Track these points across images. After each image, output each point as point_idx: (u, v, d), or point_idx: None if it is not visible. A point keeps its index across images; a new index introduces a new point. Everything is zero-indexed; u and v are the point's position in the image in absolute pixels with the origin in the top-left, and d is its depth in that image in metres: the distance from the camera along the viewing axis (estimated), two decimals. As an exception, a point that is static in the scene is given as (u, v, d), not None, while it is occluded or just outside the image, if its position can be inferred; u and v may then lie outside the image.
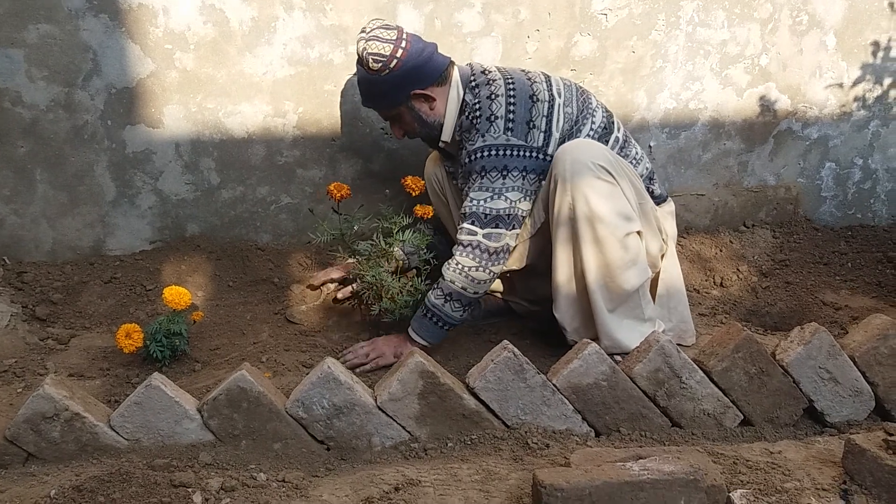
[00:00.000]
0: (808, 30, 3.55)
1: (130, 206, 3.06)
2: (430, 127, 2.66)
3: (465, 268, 2.51)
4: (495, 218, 2.50)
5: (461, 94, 2.62)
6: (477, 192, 2.51)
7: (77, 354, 2.59)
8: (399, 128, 2.71)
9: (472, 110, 2.56)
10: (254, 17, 2.95)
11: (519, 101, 2.52)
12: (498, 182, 2.50)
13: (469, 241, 2.51)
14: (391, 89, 2.56)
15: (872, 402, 2.25)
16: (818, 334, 2.18)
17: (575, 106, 2.61)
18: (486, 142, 2.50)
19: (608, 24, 3.29)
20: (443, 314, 2.55)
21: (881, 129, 3.81)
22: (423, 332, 2.58)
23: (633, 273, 2.45)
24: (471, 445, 2.01)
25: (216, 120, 3.04)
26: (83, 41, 2.83)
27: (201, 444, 1.92)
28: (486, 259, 2.51)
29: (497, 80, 2.57)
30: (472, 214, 2.52)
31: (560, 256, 2.49)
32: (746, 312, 3.25)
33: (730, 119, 3.60)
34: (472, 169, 2.54)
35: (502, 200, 2.50)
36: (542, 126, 2.53)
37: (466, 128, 2.59)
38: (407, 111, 2.63)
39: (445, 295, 2.53)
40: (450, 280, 2.52)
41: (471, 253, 2.51)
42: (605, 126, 2.65)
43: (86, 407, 1.86)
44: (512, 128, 2.50)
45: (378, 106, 2.70)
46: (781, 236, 3.74)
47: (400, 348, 2.57)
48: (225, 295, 3.01)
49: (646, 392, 2.11)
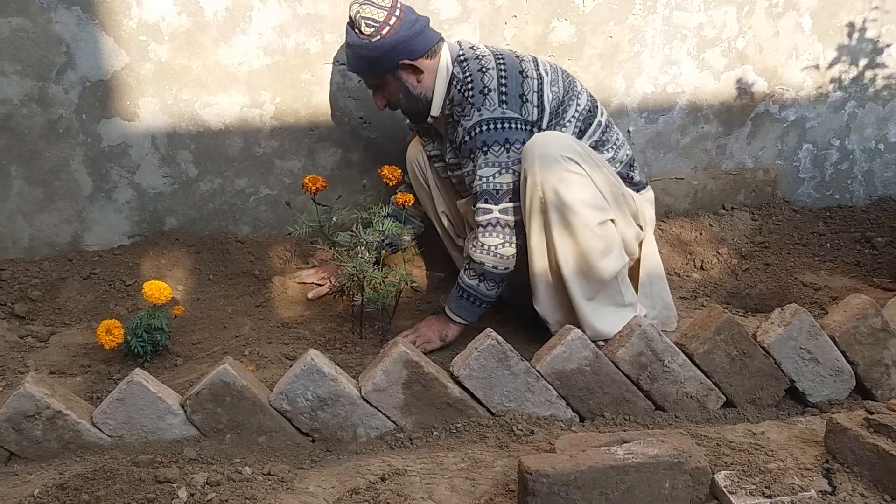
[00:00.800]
0: (783, 12, 3.56)
1: (108, 201, 3.03)
2: (416, 100, 2.65)
3: (492, 246, 2.54)
4: (507, 192, 2.52)
5: (450, 68, 2.61)
6: (484, 168, 2.52)
7: (57, 351, 2.57)
8: (382, 97, 2.68)
9: (462, 83, 2.56)
10: (228, 7, 2.92)
11: (510, 75, 2.53)
12: (503, 156, 2.50)
13: (487, 219, 2.54)
14: (381, 56, 2.54)
15: (853, 381, 2.27)
16: (798, 315, 2.20)
17: (561, 86, 2.62)
18: (483, 116, 2.51)
19: (585, 10, 3.29)
20: (478, 293, 2.60)
21: (857, 109, 3.84)
22: (462, 312, 2.63)
23: (609, 261, 2.46)
24: (456, 434, 2.01)
25: (192, 112, 3.01)
26: (56, 34, 2.79)
27: (185, 440, 1.91)
28: (509, 233, 2.54)
29: (486, 55, 2.58)
30: (485, 192, 2.53)
31: (535, 248, 2.49)
32: (727, 295, 3.27)
33: (708, 102, 3.61)
34: (473, 146, 2.53)
35: (510, 174, 2.51)
36: (535, 101, 2.54)
37: (458, 101, 2.58)
38: (394, 80, 2.61)
39: (479, 275, 2.57)
40: (479, 262, 2.56)
41: (492, 231, 2.53)
42: (589, 109, 2.66)
43: (67, 405, 1.85)
44: (506, 101, 2.50)
45: (365, 71, 2.65)
46: (760, 218, 3.76)
47: (444, 330, 2.64)
48: (205, 288, 2.99)
49: (629, 376, 2.12)
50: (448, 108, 2.63)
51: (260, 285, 3.03)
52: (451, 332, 2.64)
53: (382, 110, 2.76)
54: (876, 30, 3.71)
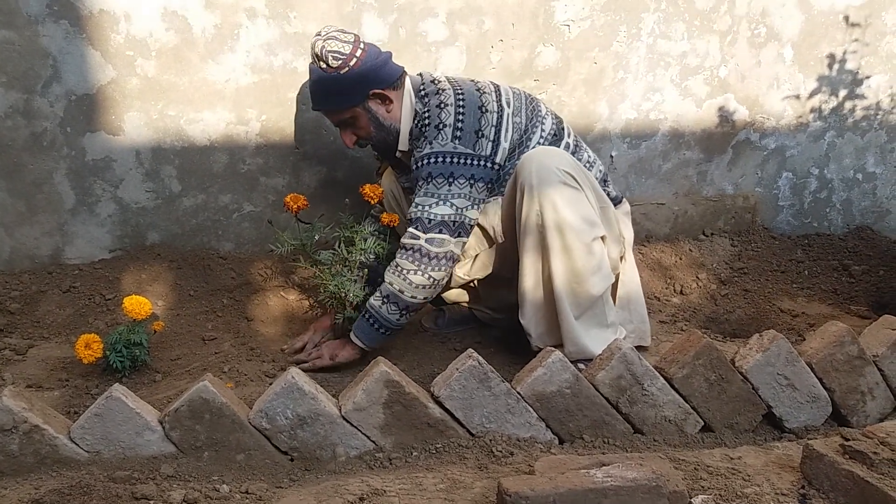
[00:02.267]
0: (766, 42, 3.62)
1: (90, 215, 3.02)
2: (387, 131, 2.63)
3: (404, 270, 2.52)
4: (439, 223, 2.50)
5: (413, 102, 2.62)
6: (422, 197, 2.52)
7: (35, 365, 2.54)
8: (351, 133, 2.65)
9: (420, 118, 2.57)
10: (217, 25, 2.93)
11: (468, 111, 2.53)
12: (444, 188, 2.50)
13: (411, 244, 2.52)
14: (350, 87, 2.53)
15: (829, 407, 2.29)
16: (776, 341, 2.22)
17: (524, 115, 2.63)
18: (434, 149, 2.51)
19: (571, 35, 3.33)
20: (379, 316, 2.56)
21: (837, 139, 3.90)
22: (360, 333, 2.60)
23: (598, 278, 2.47)
24: (436, 454, 2.01)
25: (178, 127, 3.01)
26: (43, 47, 2.79)
27: (163, 456, 1.89)
28: (426, 263, 2.51)
29: (446, 89, 2.58)
30: (417, 220, 2.52)
31: (527, 264, 2.50)
32: (706, 320, 3.29)
33: (689, 129, 3.65)
34: (418, 175, 2.54)
35: (447, 206, 2.50)
36: (491, 136, 2.54)
37: (416, 136, 2.59)
38: (363, 113, 2.59)
39: (383, 297, 2.55)
40: (388, 282, 2.54)
41: (410, 256, 2.52)
42: (554, 133, 2.68)
43: (45, 419, 1.83)
44: (460, 136, 2.51)
45: (334, 105, 2.61)
46: (740, 245, 3.80)
47: (336, 350, 2.62)
48: (186, 304, 2.98)
49: (608, 399, 2.13)
50: (411, 143, 2.64)
51: (241, 302, 3.02)
52: (344, 354, 2.60)
53: (352, 148, 2.72)
54: (856, 62, 3.77)
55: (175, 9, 2.87)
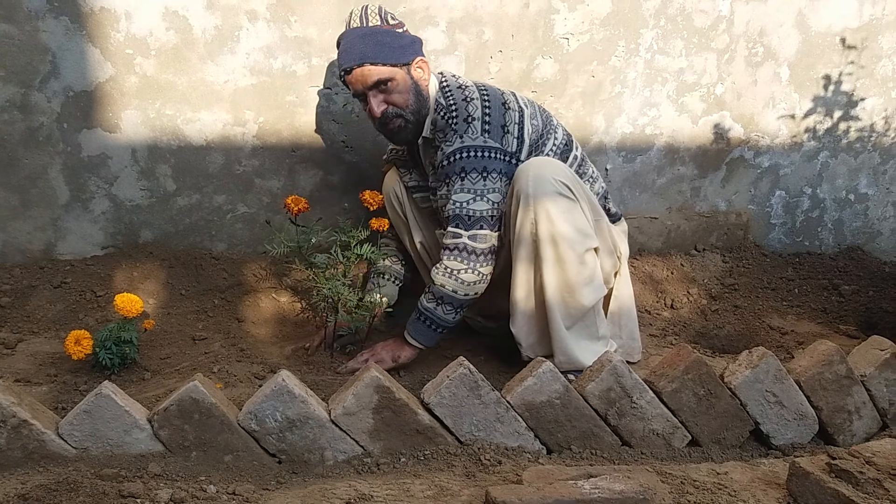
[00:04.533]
0: (762, 61, 3.64)
1: (83, 211, 3.02)
2: (423, 103, 2.59)
3: (454, 270, 2.53)
4: (479, 219, 2.52)
5: (436, 91, 2.63)
6: (459, 194, 2.53)
7: (24, 360, 2.54)
8: (384, 100, 2.55)
9: (447, 110, 2.57)
10: (217, 26, 2.93)
11: (493, 105, 2.56)
12: (479, 184, 2.52)
13: (455, 244, 2.53)
14: (405, 45, 2.55)
15: (816, 425, 2.30)
16: (765, 358, 2.23)
17: (540, 120, 2.66)
18: (465, 143, 2.52)
19: (570, 49, 3.34)
20: (435, 317, 2.59)
21: (830, 160, 3.93)
22: (417, 335, 2.62)
23: (590, 289, 2.48)
24: (424, 461, 2.01)
25: (175, 126, 3.01)
26: (42, 42, 2.79)
27: (151, 455, 1.89)
28: (474, 260, 2.54)
29: (469, 85, 2.61)
30: (456, 217, 2.53)
31: (520, 274, 2.51)
32: (696, 334, 3.31)
33: (684, 145, 3.67)
34: (451, 171, 2.54)
35: (484, 202, 2.52)
36: (516, 132, 2.57)
37: (441, 127, 2.58)
38: (406, 77, 2.55)
39: (437, 298, 2.57)
40: (440, 284, 2.55)
41: (458, 255, 2.53)
42: (566, 143, 2.71)
43: (34, 414, 1.82)
44: (489, 130, 2.53)
45: (385, 57, 2.50)
46: (731, 261, 3.82)
47: (397, 352, 2.63)
48: (177, 303, 2.98)
49: (597, 411, 2.14)
50: (431, 132, 2.63)
51: (232, 303, 3.02)
52: (405, 355, 2.63)
53: (377, 117, 2.57)
54: (851, 83, 3.80)
55: (176, 9, 2.87)
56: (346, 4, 3.01)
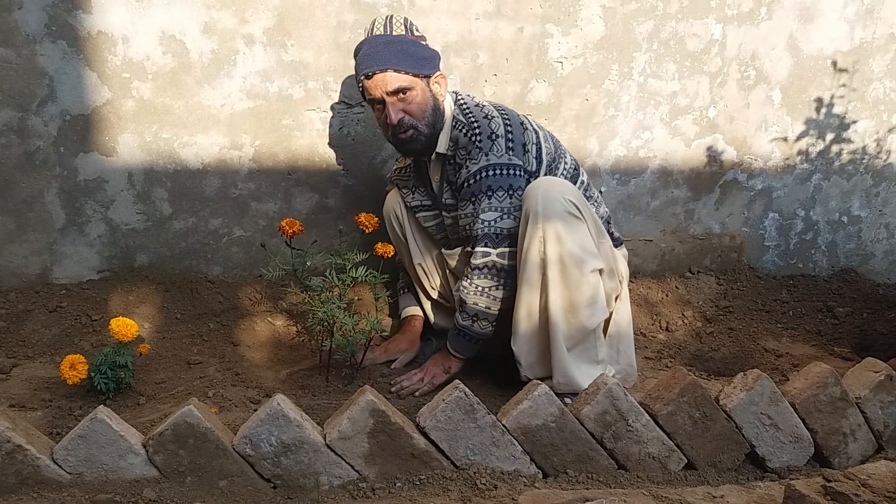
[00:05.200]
0: (755, 85, 3.67)
1: (79, 235, 3.02)
2: (438, 117, 2.62)
3: (486, 288, 2.60)
4: (506, 237, 2.57)
5: (452, 108, 2.67)
6: (487, 213, 2.57)
7: (19, 384, 2.53)
8: (402, 106, 2.54)
9: (468, 127, 2.59)
10: (214, 50, 2.95)
11: (514, 124, 2.60)
12: (506, 202, 2.56)
13: (485, 262, 2.58)
14: (428, 56, 2.59)
15: (812, 448, 2.30)
16: (760, 381, 2.23)
17: (552, 143, 2.72)
18: (491, 161, 2.55)
19: (563, 72, 3.37)
20: (473, 333, 2.67)
21: (823, 182, 3.95)
22: (460, 348, 2.71)
23: (593, 311, 2.49)
24: (419, 486, 2.00)
25: (171, 150, 3.02)
26: (40, 66, 2.81)
27: (145, 480, 1.88)
28: (504, 276, 2.59)
29: (486, 104, 2.65)
30: (486, 236, 2.57)
31: (524, 292, 2.51)
32: (691, 357, 3.31)
33: (678, 168, 3.69)
34: (478, 189, 2.57)
35: (511, 219, 2.56)
36: (534, 152, 2.63)
37: (463, 145, 2.60)
38: (425, 89, 2.58)
39: (472, 316, 2.65)
40: (473, 303, 2.62)
41: (488, 273, 2.58)
42: (574, 168, 2.76)
43: (28, 439, 1.82)
44: (512, 147, 2.57)
45: (409, 65, 2.51)
46: (725, 283, 3.83)
47: (447, 363, 2.74)
48: (173, 327, 2.97)
49: (593, 434, 2.13)
50: (451, 149, 2.64)
51: (228, 327, 3.02)
52: (455, 366, 2.73)
53: (394, 125, 2.55)
54: (843, 106, 3.84)
55: (173, 33, 2.89)
56: (342, 29, 3.03)
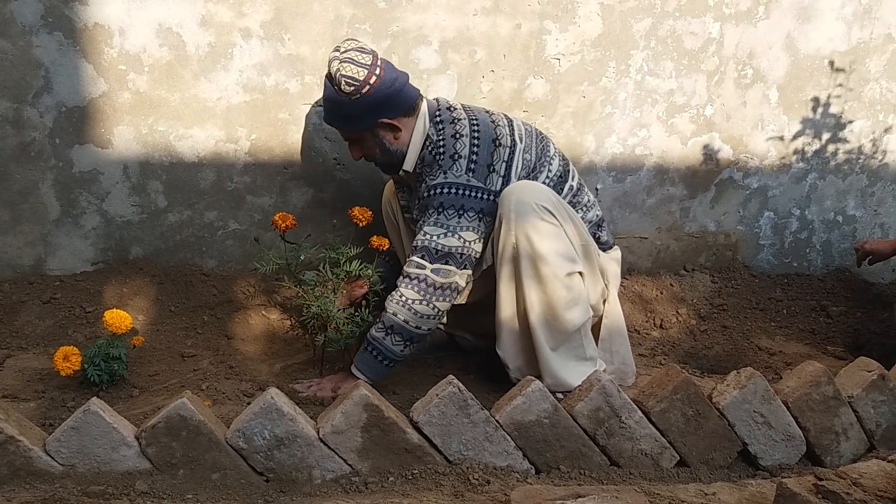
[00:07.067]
0: (752, 83, 3.67)
1: (74, 226, 3.01)
2: (391, 155, 2.64)
3: (408, 300, 2.50)
4: (446, 255, 2.50)
5: (426, 127, 2.61)
6: (431, 227, 2.52)
7: (12, 375, 2.52)
8: (358, 150, 2.67)
9: (435, 146, 2.57)
10: (211, 43, 2.94)
11: (482, 143, 2.55)
12: (454, 220, 2.51)
13: (416, 273, 2.51)
14: (359, 114, 2.54)
15: (804, 446, 2.31)
16: (753, 379, 2.24)
17: (534, 153, 2.65)
18: (447, 179, 2.52)
19: (561, 69, 3.37)
20: (384, 348, 2.52)
21: (818, 181, 3.95)
22: (363, 366, 2.56)
23: (575, 312, 2.50)
24: (412, 480, 2.01)
25: (167, 143, 3.01)
26: (35, 58, 2.80)
27: (138, 472, 1.88)
28: (431, 293, 2.50)
29: (462, 119, 2.59)
30: (423, 248, 2.51)
31: (504, 294, 2.52)
32: (684, 354, 3.32)
33: (674, 166, 3.70)
34: (429, 203, 2.54)
35: (455, 238, 2.51)
36: (502, 171, 2.56)
37: (428, 162, 2.59)
38: (370, 137, 2.60)
39: (387, 328, 2.51)
40: (392, 312, 2.51)
41: (416, 286, 2.50)
42: (560, 175, 2.70)
43: (21, 430, 1.81)
44: (474, 168, 2.52)
45: (342, 126, 2.65)
46: (720, 281, 3.84)
47: (340, 383, 2.56)
48: (167, 320, 2.97)
49: (586, 430, 2.14)
50: (419, 166, 2.63)
51: (222, 320, 3.02)
52: (346, 387, 2.46)
53: (357, 160, 2.72)
54: (839, 106, 3.84)
55: (170, 25, 2.88)
56: (339, 24, 3.03)
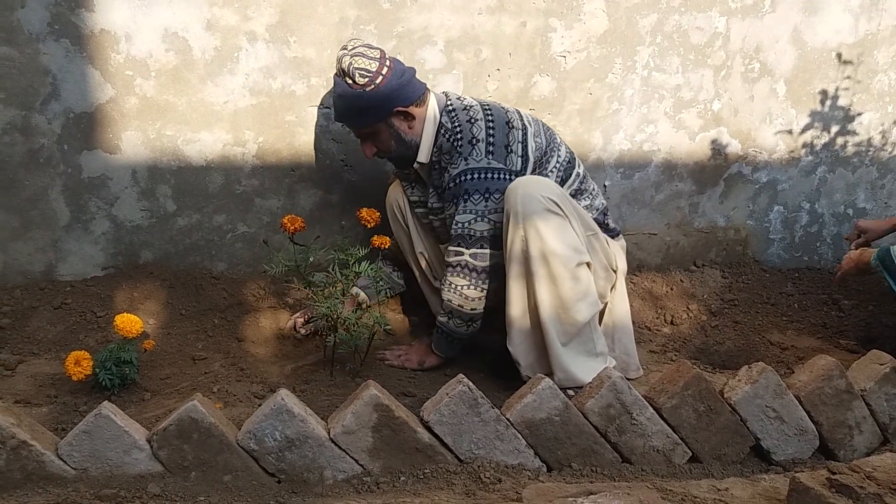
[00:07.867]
0: (759, 77, 3.66)
1: (84, 232, 3.03)
2: (407, 146, 2.70)
3: (458, 286, 2.64)
4: (480, 238, 2.60)
5: (438, 117, 2.69)
6: (462, 214, 2.61)
7: (24, 381, 2.54)
8: (372, 146, 2.73)
9: (451, 133, 2.63)
10: (217, 47, 2.95)
11: (497, 125, 2.62)
12: (481, 204, 2.59)
13: (458, 261, 2.63)
14: (375, 105, 2.60)
15: (817, 440, 2.30)
16: (765, 374, 2.23)
17: (543, 137, 2.72)
18: (469, 165, 2.58)
19: (567, 66, 3.36)
20: (449, 330, 2.75)
21: (828, 174, 3.93)
22: (438, 346, 2.81)
23: (584, 305, 2.50)
24: (423, 480, 2.00)
25: (175, 147, 3.02)
26: (43, 65, 2.81)
27: (150, 475, 1.89)
28: (475, 277, 2.63)
29: (474, 105, 2.67)
30: (458, 237, 2.63)
31: (514, 291, 2.53)
32: (696, 350, 3.30)
33: (682, 161, 3.68)
34: (456, 192, 2.62)
35: (485, 222, 2.59)
36: (519, 151, 2.62)
37: (447, 150, 2.65)
38: (386, 129, 2.67)
39: (447, 312, 2.72)
40: (447, 299, 2.68)
41: (461, 272, 2.63)
42: (569, 161, 2.76)
43: (33, 435, 1.82)
44: (493, 151, 2.58)
45: (357, 122, 2.70)
46: (730, 276, 3.82)
47: (424, 357, 2.84)
48: (177, 323, 2.98)
49: (597, 428, 2.14)
50: (436, 155, 2.70)
51: (232, 322, 3.02)
52: (430, 361, 2.83)
53: (370, 159, 2.79)
54: (848, 98, 3.82)
55: (176, 30, 2.89)
56: (344, 25, 3.03)
